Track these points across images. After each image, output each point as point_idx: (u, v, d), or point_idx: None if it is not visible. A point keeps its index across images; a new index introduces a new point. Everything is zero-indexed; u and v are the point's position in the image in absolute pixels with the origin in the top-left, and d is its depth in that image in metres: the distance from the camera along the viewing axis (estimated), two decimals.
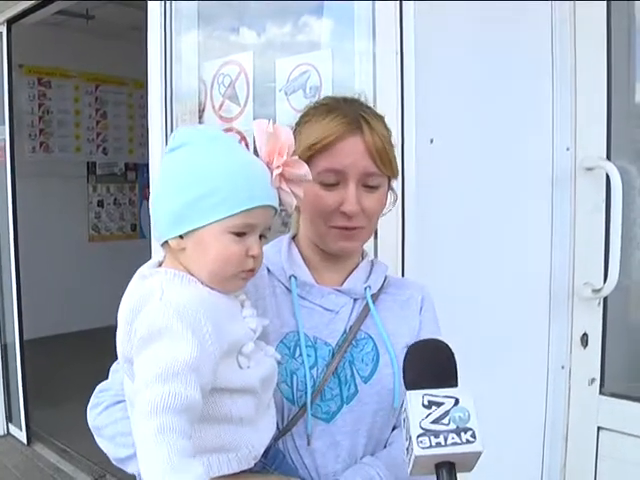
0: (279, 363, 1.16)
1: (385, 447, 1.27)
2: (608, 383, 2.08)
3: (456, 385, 0.97)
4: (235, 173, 1.03)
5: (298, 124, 1.29)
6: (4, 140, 4.23)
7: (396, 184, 1.35)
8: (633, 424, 1.97)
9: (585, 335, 2.09)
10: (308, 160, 1.17)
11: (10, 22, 4.13)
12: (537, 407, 2.10)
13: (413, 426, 0.91)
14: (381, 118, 1.28)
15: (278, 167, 1.06)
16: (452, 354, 1.01)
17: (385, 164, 1.22)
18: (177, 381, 0.92)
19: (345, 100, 1.29)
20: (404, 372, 1.01)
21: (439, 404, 0.92)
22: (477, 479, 1.00)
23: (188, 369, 0.93)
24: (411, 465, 0.91)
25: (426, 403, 0.92)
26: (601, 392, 2.07)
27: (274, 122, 1.08)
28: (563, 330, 2.10)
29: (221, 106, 2.31)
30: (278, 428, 1.19)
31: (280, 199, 1.08)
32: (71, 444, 4.05)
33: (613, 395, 2.06)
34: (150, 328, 0.96)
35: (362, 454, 1.23)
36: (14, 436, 4.34)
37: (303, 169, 1.08)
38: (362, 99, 1.31)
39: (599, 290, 2.01)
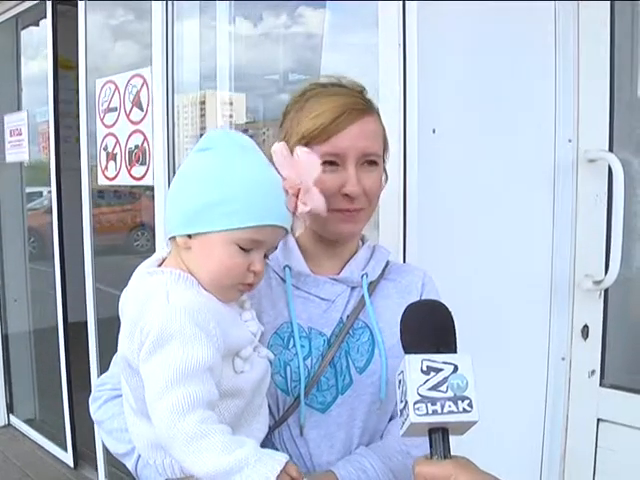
0: (273, 355, 1.16)
1: (381, 438, 1.25)
2: (608, 375, 2.08)
3: (455, 350, 0.95)
4: (253, 187, 1.02)
5: (287, 112, 1.26)
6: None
7: (393, 169, 1.34)
8: (633, 416, 1.97)
9: (586, 327, 2.09)
10: (305, 145, 1.15)
11: None
12: (537, 398, 2.10)
13: (410, 391, 0.89)
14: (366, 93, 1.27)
15: (294, 194, 1.06)
16: (450, 315, 0.98)
17: (380, 143, 1.24)
18: (196, 381, 0.95)
19: (333, 85, 1.25)
20: (401, 333, 0.98)
21: (438, 370, 0.90)
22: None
23: (204, 369, 0.96)
24: (404, 429, 0.91)
25: (425, 369, 0.90)
26: (601, 384, 2.08)
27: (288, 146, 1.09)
28: (564, 321, 2.10)
29: None
30: (274, 418, 1.20)
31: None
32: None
33: (613, 387, 2.06)
34: (161, 332, 0.96)
35: (357, 445, 1.22)
36: (14, 426, 4.40)
37: (319, 202, 1.09)
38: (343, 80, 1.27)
39: (600, 282, 2.01)
